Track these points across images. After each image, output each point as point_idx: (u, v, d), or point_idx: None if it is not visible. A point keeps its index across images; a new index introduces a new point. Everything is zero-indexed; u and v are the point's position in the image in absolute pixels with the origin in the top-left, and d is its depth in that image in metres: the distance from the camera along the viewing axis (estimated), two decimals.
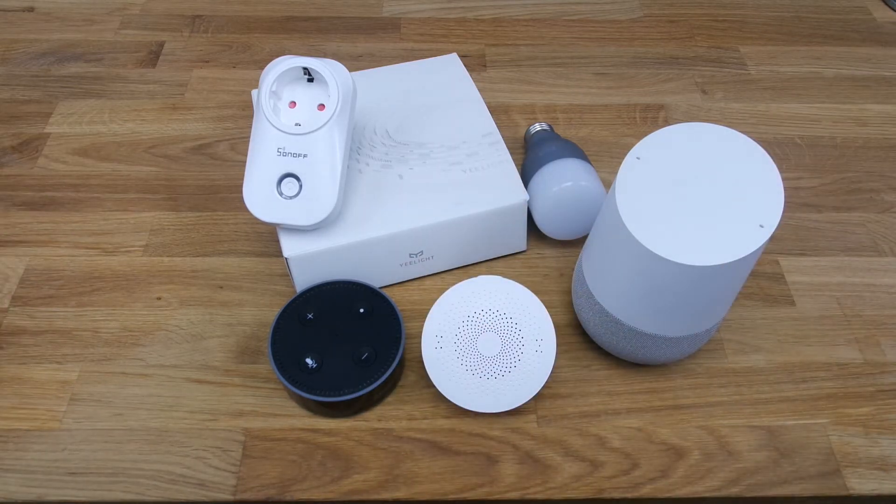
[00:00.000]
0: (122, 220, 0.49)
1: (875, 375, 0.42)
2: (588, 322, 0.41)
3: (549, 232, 0.46)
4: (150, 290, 0.45)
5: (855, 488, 0.38)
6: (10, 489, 0.37)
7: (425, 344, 0.39)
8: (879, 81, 0.61)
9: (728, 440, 0.39)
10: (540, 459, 0.39)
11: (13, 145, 0.54)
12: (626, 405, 0.41)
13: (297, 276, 0.42)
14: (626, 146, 0.55)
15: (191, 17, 0.65)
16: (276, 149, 0.39)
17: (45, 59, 0.61)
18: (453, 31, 0.65)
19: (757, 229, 0.32)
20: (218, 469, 0.38)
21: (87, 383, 0.41)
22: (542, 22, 0.66)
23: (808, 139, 0.56)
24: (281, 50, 0.62)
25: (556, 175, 0.44)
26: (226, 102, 0.57)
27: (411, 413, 0.40)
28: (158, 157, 0.53)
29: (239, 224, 0.49)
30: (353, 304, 0.41)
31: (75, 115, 0.56)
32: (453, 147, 0.46)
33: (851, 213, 0.51)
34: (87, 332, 0.43)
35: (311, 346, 0.39)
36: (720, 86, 0.60)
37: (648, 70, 0.61)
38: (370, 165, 0.45)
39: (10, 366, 0.42)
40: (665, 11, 0.68)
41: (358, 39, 0.64)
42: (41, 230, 0.48)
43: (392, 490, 0.37)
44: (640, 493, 0.38)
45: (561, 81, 0.60)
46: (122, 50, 0.62)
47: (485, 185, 0.44)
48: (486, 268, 0.47)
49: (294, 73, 0.40)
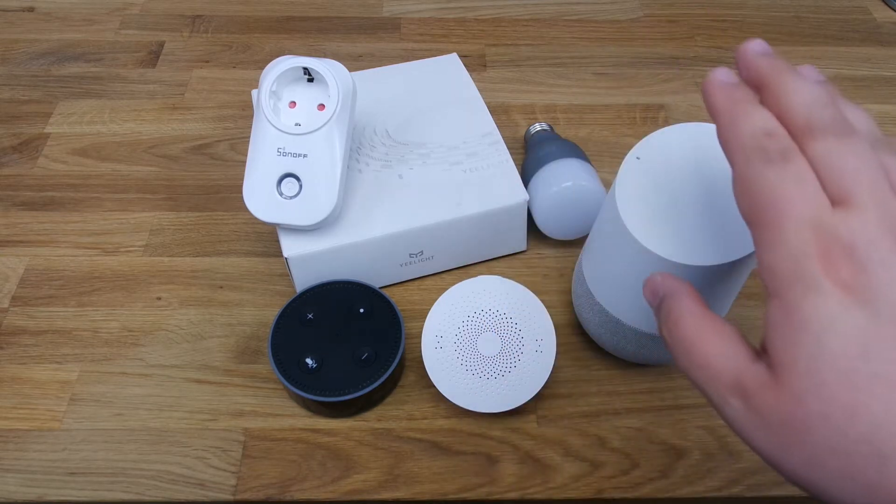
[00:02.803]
0: (122, 220, 0.49)
1: None
2: (588, 322, 0.41)
3: (549, 232, 0.46)
4: (150, 290, 0.45)
5: None
6: (10, 489, 0.37)
7: (425, 344, 0.39)
8: (879, 81, 0.61)
9: (728, 440, 0.39)
10: (540, 459, 0.39)
11: (13, 145, 0.54)
12: (626, 405, 0.41)
13: (297, 276, 0.42)
14: (626, 146, 0.55)
15: (191, 17, 0.65)
16: (276, 149, 0.39)
17: (45, 59, 0.61)
18: (453, 31, 0.65)
19: None
20: (218, 469, 0.38)
21: (87, 383, 0.41)
22: (542, 22, 0.66)
23: None
24: (281, 50, 0.62)
25: (556, 175, 0.44)
26: (226, 102, 0.57)
27: (411, 413, 0.40)
28: (158, 157, 0.53)
29: (239, 224, 0.49)
30: (353, 304, 0.41)
31: (75, 115, 0.56)
32: (453, 147, 0.46)
33: None
34: (87, 332, 0.43)
35: (311, 346, 0.39)
36: None
37: (648, 70, 0.61)
38: (370, 165, 0.45)
39: (10, 366, 0.42)
40: (665, 11, 0.68)
41: (358, 39, 0.64)
42: (41, 230, 0.48)
43: (392, 490, 0.37)
44: (640, 493, 0.38)
45: (561, 81, 0.60)
46: (122, 50, 0.62)
47: (485, 185, 0.44)
48: (486, 268, 0.47)
49: (294, 73, 0.40)
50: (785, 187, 0.21)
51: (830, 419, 0.19)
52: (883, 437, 0.19)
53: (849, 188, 0.20)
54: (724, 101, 0.24)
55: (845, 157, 0.21)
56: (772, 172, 0.21)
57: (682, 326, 0.24)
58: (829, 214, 0.20)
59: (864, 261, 0.19)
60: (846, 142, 0.21)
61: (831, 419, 0.19)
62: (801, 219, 0.20)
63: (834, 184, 0.21)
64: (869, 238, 0.20)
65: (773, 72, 0.23)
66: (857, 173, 0.20)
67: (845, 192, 0.20)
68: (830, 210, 0.20)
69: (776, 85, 0.23)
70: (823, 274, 0.20)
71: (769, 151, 0.21)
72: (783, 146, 0.21)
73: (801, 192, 0.21)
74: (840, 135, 0.21)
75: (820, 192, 0.21)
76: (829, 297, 0.19)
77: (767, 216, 0.21)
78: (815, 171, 0.21)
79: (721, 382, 0.22)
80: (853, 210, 0.20)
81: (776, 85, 0.23)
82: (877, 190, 0.20)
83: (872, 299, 0.19)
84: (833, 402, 0.19)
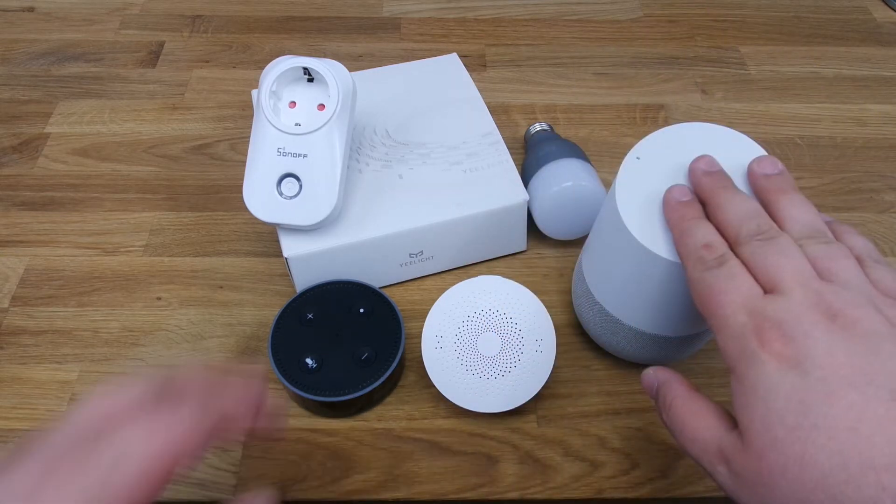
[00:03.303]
0: (122, 220, 0.49)
1: None
2: (588, 322, 0.41)
3: (549, 232, 0.46)
4: (150, 290, 0.45)
5: None
6: None
7: (425, 344, 0.39)
8: (879, 81, 0.61)
9: None
10: (540, 459, 0.39)
11: (13, 145, 0.54)
12: (626, 405, 0.41)
13: (297, 276, 0.42)
14: (626, 146, 0.54)
15: (191, 17, 0.65)
16: (276, 149, 0.39)
17: (45, 59, 0.61)
18: (453, 31, 0.65)
19: None
20: (218, 469, 0.38)
21: (87, 383, 0.41)
22: (542, 22, 0.66)
23: (808, 139, 0.56)
24: (281, 50, 0.62)
25: (556, 175, 0.44)
26: (226, 102, 0.57)
27: (411, 413, 0.40)
28: (158, 157, 0.53)
29: (239, 224, 0.49)
30: (353, 304, 0.41)
31: (75, 115, 0.56)
32: (453, 147, 0.46)
33: (851, 213, 0.51)
34: (87, 332, 0.43)
35: (311, 346, 0.39)
36: (720, 86, 0.60)
37: (648, 70, 0.61)
38: (370, 165, 0.45)
39: (10, 366, 0.42)
40: (665, 11, 0.68)
41: (358, 39, 0.64)
42: (41, 230, 0.48)
43: (392, 490, 0.37)
44: (640, 493, 0.38)
45: (561, 81, 0.60)
46: (122, 50, 0.62)
47: (485, 185, 0.44)
48: (486, 268, 0.47)
49: (294, 73, 0.40)
50: (721, 284, 0.26)
51: (788, 470, 0.22)
52: (831, 483, 0.21)
53: (775, 277, 0.25)
54: (676, 219, 0.30)
55: (770, 254, 0.26)
56: (710, 275, 0.27)
57: (675, 408, 0.28)
58: (760, 300, 0.25)
59: (792, 333, 0.23)
60: (771, 243, 0.26)
61: (789, 470, 0.22)
62: (736, 306, 0.25)
63: (763, 276, 0.26)
64: (794, 314, 0.24)
65: (712, 190, 0.30)
66: (781, 265, 0.25)
67: (773, 280, 0.25)
68: (762, 296, 0.25)
69: (714, 202, 0.29)
70: (760, 348, 0.24)
71: (707, 260, 0.27)
72: (718, 254, 0.27)
73: (734, 286, 0.26)
74: (765, 238, 0.27)
75: (752, 284, 0.26)
76: (768, 366, 0.23)
77: (711, 307, 0.26)
78: (749, 268, 0.26)
79: (709, 452, 0.26)
80: (780, 294, 0.25)
81: (714, 202, 0.29)
82: (800, 276, 0.25)
83: (802, 363, 0.23)
84: (787, 454, 0.22)
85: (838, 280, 0.25)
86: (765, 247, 0.26)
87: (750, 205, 0.28)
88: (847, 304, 0.24)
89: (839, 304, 0.24)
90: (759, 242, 0.26)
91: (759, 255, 0.26)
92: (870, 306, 0.24)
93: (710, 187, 0.30)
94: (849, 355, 0.23)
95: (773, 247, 0.26)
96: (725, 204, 0.29)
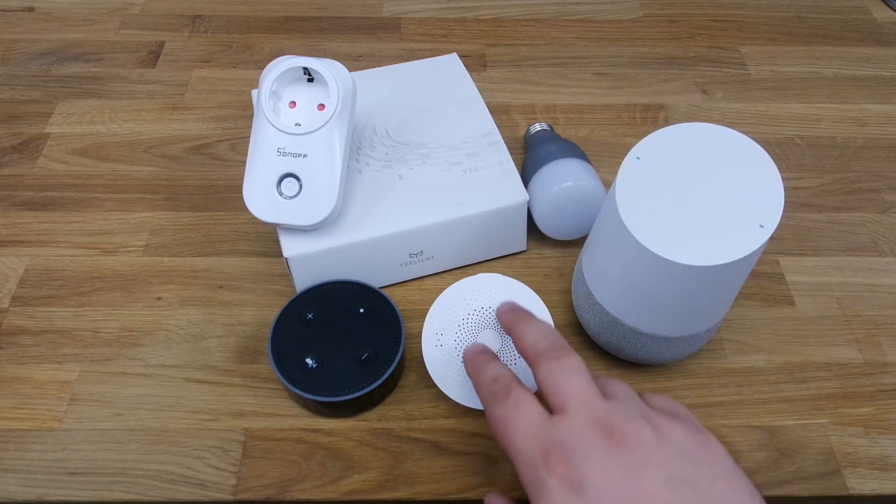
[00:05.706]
0: (122, 220, 0.49)
1: (875, 375, 0.42)
2: (588, 322, 0.41)
3: (549, 232, 0.46)
4: (150, 290, 0.45)
5: (855, 488, 0.38)
6: (10, 489, 0.37)
7: (425, 342, 0.39)
8: (879, 81, 0.61)
9: (728, 440, 0.39)
10: None
11: (13, 145, 0.54)
12: None
13: (297, 276, 0.42)
14: (626, 146, 0.55)
15: (191, 17, 0.65)
16: (276, 149, 0.39)
17: (45, 59, 0.61)
18: (453, 31, 0.65)
19: (757, 229, 0.32)
20: (218, 469, 0.38)
21: (87, 383, 0.41)
22: (542, 22, 0.66)
23: (808, 139, 0.56)
24: (281, 50, 0.62)
25: (556, 175, 0.44)
26: (226, 102, 0.57)
27: (411, 413, 0.40)
28: (158, 157, 0.53)
29: (239, 224, 0.49)
30: (353, 304, 0.41)
31: (75, 115, 0.56)
32: (453, 147, 0.46)
33: (851, 213, 0.51)
34: (87, 332, 0.43)
35: (311, 346, 0.39)
36: (720, 86, 0.60)
37: (648, 70, 0.61)
38: (370, 165, 0.45)
39: (10, 366, 0.42)
40: (665, 11, 0.68)
41: (358, 39, 0.64)
42: (41, 230, 0.48)
43: (392, 490, 0.37)
44: None
45: (561, 81, 0.60)
46: (122, 50, 0.62)
47: (485, 185, 0.44)
48: (486, 268, 0.47)
49: (294, 73, 0.40)
50: (509, 414, 0.28)
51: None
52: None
53: (561, 397, 0.27)
54: (472, 366, 0.33)
55: (559, 374, 0.28)
56: (499, 407, 0.28)
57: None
58: (546, 424, 0.27)
59: (572, 455, 0.25)
60: (560, 361, 0.28)
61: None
62: (525, 435, 0.27)
63: (552, 397, 0.27)
64: (575, 435, 0.26)
65: (512, 322, 0.33)
66: (567, 386, 0.27)
67: (559, 401, 0.27)
68: (548, 420, 0.27)
69: (516, 330, 0.32)
70: (547, 473, 0.25)
71: (496, 393, 0.29)
72: (505, 384, 0.29)
73: (520, 415, 0.27)
74: (556, 357, 0.29)
75: (538, 409, 0.27)
76: (554, 492, 0.25)
77: (506, 441, 0.27)
78: (542, 388, 0.28)
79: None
80: (565, 415, 0.27)
81: (516, 330, 0.32)
82: (583, 395, 0.27)
83: (582, 485, 0.25)
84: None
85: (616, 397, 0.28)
86: (556, 365, 0.28)
87: (544, 327, 0.31)
88: (621, 419, 0.26)
89: (614, 419, 0.26)
90: (552, 361, 0.29)
91: (551, 376, 0.28)
92: (641, 419, 0.26)
93: (511, 320, 0.33)
94: (622, 471, 0.25)
95: (563, 365, 0.28)
96: (525, 328, 0.32)
